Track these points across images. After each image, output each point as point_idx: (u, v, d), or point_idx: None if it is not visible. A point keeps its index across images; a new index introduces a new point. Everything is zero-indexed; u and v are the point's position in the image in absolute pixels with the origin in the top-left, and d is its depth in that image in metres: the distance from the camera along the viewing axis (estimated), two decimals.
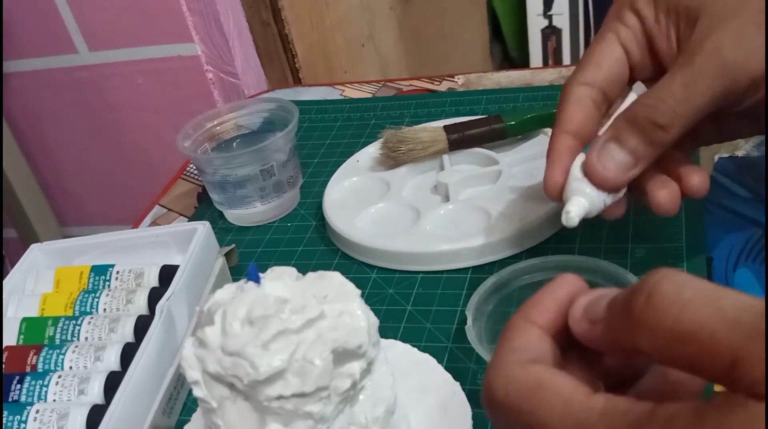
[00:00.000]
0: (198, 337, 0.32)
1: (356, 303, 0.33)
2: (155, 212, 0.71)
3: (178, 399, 0.47)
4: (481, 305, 0.45)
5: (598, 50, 0.44)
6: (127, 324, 0.49)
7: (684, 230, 0.51)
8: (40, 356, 0.47)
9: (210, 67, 0.96)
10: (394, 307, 0.51)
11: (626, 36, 0.44)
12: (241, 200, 0.62)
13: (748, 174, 0.55)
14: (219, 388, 0.32)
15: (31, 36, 1.00)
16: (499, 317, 0.46)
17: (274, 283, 0.33)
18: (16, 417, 0.43)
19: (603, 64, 0.44)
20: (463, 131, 0.61)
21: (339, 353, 0.31)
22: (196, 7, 0.91)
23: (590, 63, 0.44)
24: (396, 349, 0.42)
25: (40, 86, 1.05)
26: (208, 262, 0.53)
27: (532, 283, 0.47)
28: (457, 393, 0.40)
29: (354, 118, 0.76)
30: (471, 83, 0.77)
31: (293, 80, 1.02)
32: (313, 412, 0.31)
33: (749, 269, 0.47)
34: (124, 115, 1.04)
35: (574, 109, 0.43)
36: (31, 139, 1.11)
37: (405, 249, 0.54)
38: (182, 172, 0.76)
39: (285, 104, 0.64)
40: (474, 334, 0.43)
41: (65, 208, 1.19)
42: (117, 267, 0.53)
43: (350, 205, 0.60)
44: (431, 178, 0.61)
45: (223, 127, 0.66)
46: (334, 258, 0.58)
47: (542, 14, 1.65)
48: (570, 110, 0.43)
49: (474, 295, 0.45)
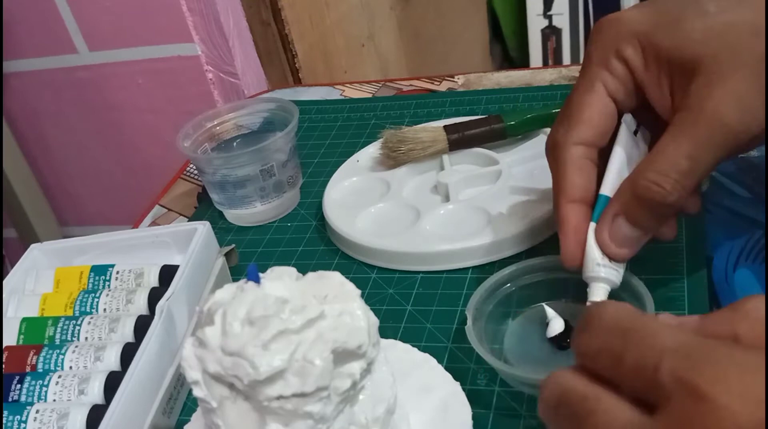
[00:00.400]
0: (198, 337, 0.32)
1: (356, 303, 0.33)
2: (155, 212, 0.71)
3: (178, 399, 0.47)
4: (481, 305, 0.45)
5: (587, 105, 0.42)
6: (127, 324, 0.49)
7: (684, 230, 0.51)
8: (40, 356, 0.47)
9: (210, 67, 0.96)
10: (394, 307, 0.51)
11: (615, 87, 0.42)
12: (241, 200, 0.62)
13: (748, 174, 0.55)
14: (219, 388, 0.32)
15: (31, 36, 1.00)
16: (499, 317, 0.46)
17: (274, 283, 0.33)
18: (16, 417, 0.43)
19: (595, 121, 0.42)
20: (463, 131, 0.61)
21: (339, 353, 0.31)
22: (196, 7, 0.91)
23: (582, 120, 0.42)
24: (396, 349, 0.42)
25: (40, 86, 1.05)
26: (208, 262, 0.53)
27: (532, 283, 0.47)
28: (457, 393, 0.40)
29: (354, 118, 0.76)
30: (471, 83, 0.77)
31: (293, 80, 1.02)
32: (313, 412, 0.31)
33: (749, 269, 0.47)
34: (124, 115, 1.04)
35: (576, 175, 0.42)
36: (31, 139, 1.11)
37: (405, 249, 0.54)
38: (182, 172, 0.76)
39: (285, 104, 0.64)
40: (474, 335, 0.43)
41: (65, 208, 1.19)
42: (117, 267, 0.53)
43: (350, 205, 0.60)
44: (431, 178, 0.61)
45: (223, 127, 0.66)
46: (334, 258, 0.58)
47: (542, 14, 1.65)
48: (571, 176, 0.42)
49: (474, 295, 0.45)
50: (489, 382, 0.44)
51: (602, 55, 0.42)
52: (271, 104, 0.66)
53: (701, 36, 0.39)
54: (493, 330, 0.45)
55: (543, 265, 0.47)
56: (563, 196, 0.42)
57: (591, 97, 0.42)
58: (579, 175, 0.42)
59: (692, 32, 0.39)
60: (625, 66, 0.41)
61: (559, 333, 0.44)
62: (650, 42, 0.40)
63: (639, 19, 0.41)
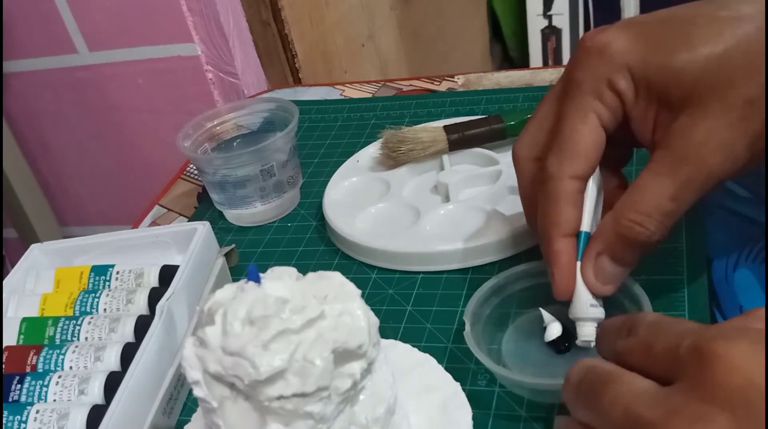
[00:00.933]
0: (198, 337, 0.32)
1: (356, 303, 0.33)
2: (155, 212, 0.71)
3: (178, 399, 0.47)
4: (479, 309, 0.45)
5: (582, 137, 0.41)
6: (127, 324, 0.49)
7: (684, 230, 0.51)
8: (40, 356, 0.47)
9: (210, 67, 0.96)
10: (394, 307, 0.51)
11: (608, 119, 0.41)
12: (241, 200, 0.62)
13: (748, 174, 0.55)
14: (219, 388, 0.32)
15: (31, 36, 1.00)
16: (497, 319, 0.46)
17: (274, 283, 0.33)
18: (16, 417, 0.43)
19: (591, 154, 0.41)
20: (463, 131, 0.61)
21: (339, 353, 0.31)
22: (196, 7, 0.91)
23: (577, 153, 0.41)
24: (396, 349, 0.42)
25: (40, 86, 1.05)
26: (208, 262, 0.53)
27: (531, 286, 0.47)
28: (457, 393, 0.40)
29: (354, 118, 0.76)
30: (471, 83, 0.77)
31: (293, 80, 1.02)
32: (313, 412, 0.31)
33: (749, 269, 0.47)
34: (124, 115, 1.04)
35: (570, 210, 0.41)
36: (31, 139, 1.11)
37: (405, 249, 0.54)
38: (182, 172, 0.76)
39: (285, 104, 0.64)
40: (472, 339, 0.42)
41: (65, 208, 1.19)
42: (117, 267, 0.53)
43: (350, 205, 0.60)
44: (431, 178, 0.61)
45: (223, 127, 0.66)
46: (334, 258, 0.58)
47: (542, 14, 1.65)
48: (565, 211, 0.41)
49: (471, 300, 0.45)
50: (489, 383, 0.44)
51: (594, 85, 0.41)
52: (271, 104, 0.66)
53: (689, 75, 0.38)
54: (491, 333, 0.45)
55: (540, 269, 0.46)
56: (557, 229, 0.41)
57: (585, 128, 0.41)
58: (572, 209, 0.41)
59: (681, 70, 0.38)
60: (618, 98, 0.41)
61: (556, 337, 0.44)
62: (642, 76, 0.40)
63: (629, 49, 0.40)
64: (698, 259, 0.48)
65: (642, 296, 0.42)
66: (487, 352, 0.43)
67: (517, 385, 0.42)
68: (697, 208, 0.52)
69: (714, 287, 0.47)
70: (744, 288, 0.46)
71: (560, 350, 0.43)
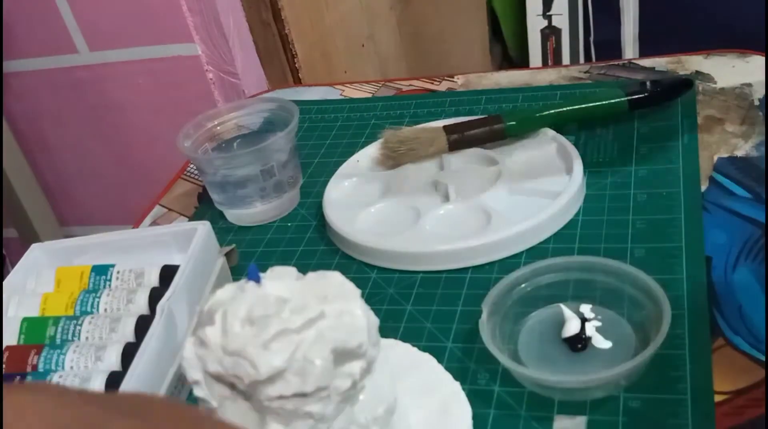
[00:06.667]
0: (198, 336, 0.32)
1: (356, 303, 0.33)
2: (155, 212, 0.71)
3: (178, 399, 0.47)
4: (499, 300, 0.45)
5: None
6: (127, 324, 0.49)
7: (683, 230, 0.51)
8: (41, 356, 0.47)
9: (210, 67, 0.96)
10: (394, 307, 0.51)
11: None
12: (241, 200, 0.62)
13: (747, 174, 0.55)
14: (219, 388, 0.32)
15: (31, 36, 1.00)
16: (515, 317, 0.46)
17: (274, 282, 0.33)
18: None
19: None
20: (463, 131, 0.62)
21: (339, 353, 0.32)
22: (196, 7, 0.91)
23: None
24: (396, 349, 0.42)
25: (40, 86, 1.05)
26: (209, 262, 0.54)
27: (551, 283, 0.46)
28: (457, 393, 0.40)
29: (354, 118, 0.76)
30: (471, 83, 0.77)
31: (293, 80, 1.02)
32: (313, 412, 0.31)
33: (749, 269, 0.48)
34: (124, 115, 1.05)
35: None
36: (31, 139, 1.11)
37: (405, 249, 0.54)
38: (182, 172, 0.76)
39: (285, 104, 0.64)
40: (488, 330, 0.42)
41: (65, 208, 1.19)
42: (117, 267, 0.54)
43: (350, 205, 0.60)
44: (431, 178, 0.61)
45: (223, 127, 0.66)
46: (334, 258, 0.58)
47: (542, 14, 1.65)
48: None
49: (493, 290, 0.45)
50: (489, 382, 0.44)
51: None
52: (272, 104, 0.66)
53: None
54: (509, 328, 0.45)
55: (563, 265, 0.46)
56: None
57: None
58: None
59: None
60: None
61: (574, 334, 0.44)
62: None
63: None
64: (698, 259, 0.48)
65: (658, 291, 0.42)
66: (500, 348, 0.43)
67: (527, 380, 0.42)
68: (697, 207, 0.52)
69: (714, 287, 0.47)
70: (744, 288, 0.46)
71: (576, 348, 0.43)
